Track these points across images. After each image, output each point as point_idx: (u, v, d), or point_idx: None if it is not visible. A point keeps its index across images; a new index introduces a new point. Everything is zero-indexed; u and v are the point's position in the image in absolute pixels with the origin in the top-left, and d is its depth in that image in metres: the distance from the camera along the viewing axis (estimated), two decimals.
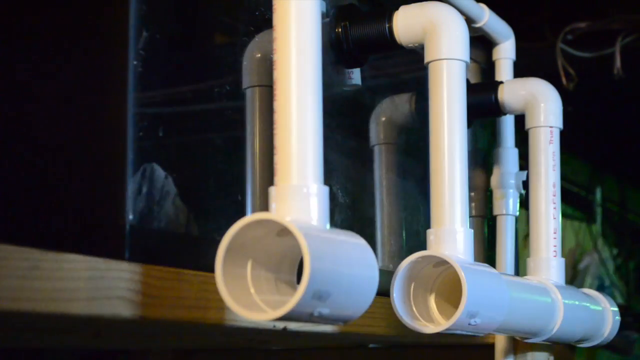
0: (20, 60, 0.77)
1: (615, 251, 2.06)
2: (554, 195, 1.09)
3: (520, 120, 1.16)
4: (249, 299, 0.65)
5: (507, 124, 1.22)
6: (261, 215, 0.63)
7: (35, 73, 0.76)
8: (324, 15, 0.89)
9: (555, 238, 1.08)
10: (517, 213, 1.24)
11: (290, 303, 0.61)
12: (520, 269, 1.29)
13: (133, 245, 0.70)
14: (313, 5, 0.67)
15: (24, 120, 0.76)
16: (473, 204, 1.25)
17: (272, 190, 0.65)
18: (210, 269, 0.65)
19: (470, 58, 0.90)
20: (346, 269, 0.65)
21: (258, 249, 0.66)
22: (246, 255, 0.65)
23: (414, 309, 0.84)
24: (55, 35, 0.75)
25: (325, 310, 0.63)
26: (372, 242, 1.01)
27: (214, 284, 0.64)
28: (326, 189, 0.66)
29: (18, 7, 0.77)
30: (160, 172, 0.73)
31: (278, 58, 0.66)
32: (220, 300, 0.64)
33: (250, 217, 0.63)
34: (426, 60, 0.89)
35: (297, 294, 0.61)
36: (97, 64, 0.73)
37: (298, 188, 0.64)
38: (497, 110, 1.13)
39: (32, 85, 0.76)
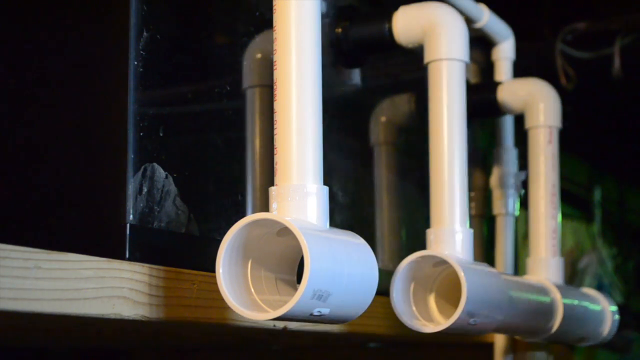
0: (22, 61, 0.77)
1: (614, 251, 2.06)
2: (553, 195, 1.09)
3: (519, 120, 1.16)
4: (249, 299, 0.65)
5: (507, 124, 1.23)
6: (261, 215, 0.63)
7: (36, 73, 0.76)
8: (324, 15, 0.90)
9: (554, 238, 1.09)
10: (517, 213, 1.24)
11: (290, 303, 0.61)
12: (519, 268, 1.29)
13: (134, 245, 0.70)
14: (313, 5, 0.67)
15: (25, 120, 0.76)
16: (473, 204, 1.25)
17: (273, 190, 0.65)
18: (211, 268, 0.66)
19: (470, 58, 0.90)
20: (346, 268, 0.65)
21: (258, 249, 0.66)
22: (246, 255, 0.65)
23: (414, 308, 0.85)
24: (57, 35, 0.76)
25: (325, 310, 0.64)
26: (372, 242, 1.01)
27: (214, 283, 0.64)
28: (326, 189, 0.66)
29: (19, 8, 0.77)
30: (160, 172, 0.73)
31: (278, 58, 0.66)
32: (220, 300, 0.64)
33: (250, 217, 0.63)
34: (426, 60, 0.90)
35: (297, 293, 0.61)
36: (98, 64, 0.73)
37: (298, 188, 0.65)
38: (497, 110, 1.13)
39: (33, 85, 0.76)
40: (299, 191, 0.65)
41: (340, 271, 0.64)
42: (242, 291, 0.65)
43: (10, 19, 0.78)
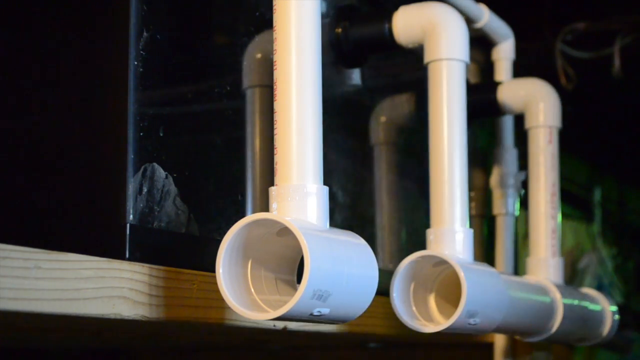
0: (22, 61, 0.77)
1: (614, 251, 2.06)
2: (553, 195, 1.09)
3: (519, 120, 1.16)
4: (249, 299, 0.65)
5: (507, 124, 1.23)
6: (261, 215, 0.63)
7: (36, 73, 0.76)
8: (324, 15, 0.90)
9: (554, 238, 1.09)
10: (517, 213, 1.24)
11: (290, 303, 0.61)
12: (519, 268, 1.29)
13: (134, 245, 0.70)
14: (313, 5, 0.67)
15: (25, 120, 0.76)
16: (473, 204, 1.25)
17: (273, 190, 0.65)
18: (211, 268, 0.66)
19: (470, 58, 0.90)
20: (346, 268, 0.65)
21: (258, 249, 0.66)
22: (246, 255, 0.65)
23: (414, 308, 0.85)
24: (57, 35, 0.75)
25: (325, 310, 0.64)
26: (372, 242, 1.01)
27: (214, 283, 0.64)
28: (326, 188, 0.66)
29: (19, 8, 0.77)
30: (160, 172, 0.73)
31: (278, 58, 0.66)
32: (220, 300, 0.64)
33: (250, 217, 0.63)
34: (426, 60, 0.90)
35: (297, 293, 0.61)
36: (98, 64, 0.73)
37: (298, 188, 0.65)
38: (497, 110, 1.13)
39: (33, 85, 0.76)
40: (299, 191, 0.65)
41: (340, 271, 0.64)
42: (242, 291, 0.65)
43: (11, 19, 0.78)
